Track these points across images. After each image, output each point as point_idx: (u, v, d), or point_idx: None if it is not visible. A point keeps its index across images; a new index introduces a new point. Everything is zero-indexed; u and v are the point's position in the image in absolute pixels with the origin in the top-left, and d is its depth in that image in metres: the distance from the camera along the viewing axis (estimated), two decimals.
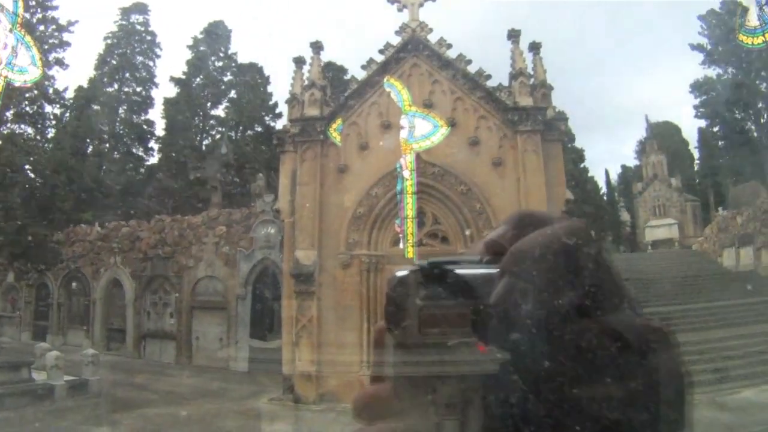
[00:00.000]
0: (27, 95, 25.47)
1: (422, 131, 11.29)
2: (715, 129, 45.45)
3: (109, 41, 44.67)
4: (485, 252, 0.79)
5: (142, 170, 44.12)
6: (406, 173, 11.05)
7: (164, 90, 44.47)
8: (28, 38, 14.35)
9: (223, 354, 21.97)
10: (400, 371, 0.83)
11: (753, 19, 7.34)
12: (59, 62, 27.72)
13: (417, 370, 0.82)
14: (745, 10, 7.85)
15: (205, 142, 44.32)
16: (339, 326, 12.80)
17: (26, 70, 16.08)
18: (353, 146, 14.38)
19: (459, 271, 0.75)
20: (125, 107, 44.35)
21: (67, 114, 38.71)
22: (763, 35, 7.31)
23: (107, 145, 43.01)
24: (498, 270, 0.73)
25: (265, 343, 20.56)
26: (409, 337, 0.83)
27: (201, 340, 23.25)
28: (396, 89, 11.27)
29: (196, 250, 24.37)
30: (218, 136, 43.10)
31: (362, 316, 12.30)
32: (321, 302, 13.31)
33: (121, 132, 44.23)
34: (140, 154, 45.22)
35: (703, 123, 47.67)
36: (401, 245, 8.12)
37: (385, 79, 12.99)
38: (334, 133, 12.00)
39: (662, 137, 61.90)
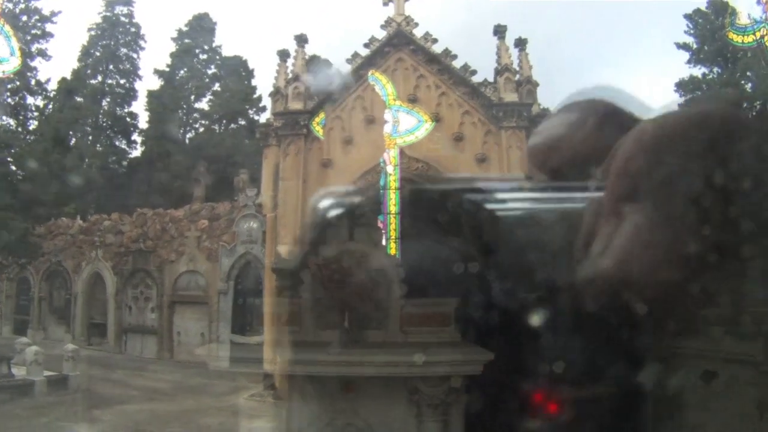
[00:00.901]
0: (9, 86, 25.11)
1: (406, 126, 11.16)
2: None
3: (93, 33, 44.13)
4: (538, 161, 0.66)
5: (125, 163, 43.65)
6: (389, 168, 10.92)
7: (148, 82, 44.03)
8: (7, 28, 14.06)
9: (205, 350, 21.80)
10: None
11: (743, 18, 7.30)
12: (42, 53, 27.34)
13: None
14: (733, 9, 7.80)
15: (189, 135, 43.99)
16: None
17: (6, 60, 15.77)
18: (337, 140, 14.24)
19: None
20: (108, 99, 43.79)
21: (50, 106, 38.24)
22: (754, 33, 7.25)
23: (90, 137, 42.56)
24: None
25: (247, 339, 20.41)
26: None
27: (182, 336, 23.08)
28: (380, 83, 11.13)
29: (177, 244, 24.17)
30: (201, 129, 42.83)
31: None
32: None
33: (104, 124, 43.72)
34: (123, 146, 44.69)
35: None
36: (383, 241, 8.04)
37: (369, 73, 12.84)
38: (318, 126, 11.82)
39: None
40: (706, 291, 0.63)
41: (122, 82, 44.62)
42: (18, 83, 25.60)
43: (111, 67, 44.09)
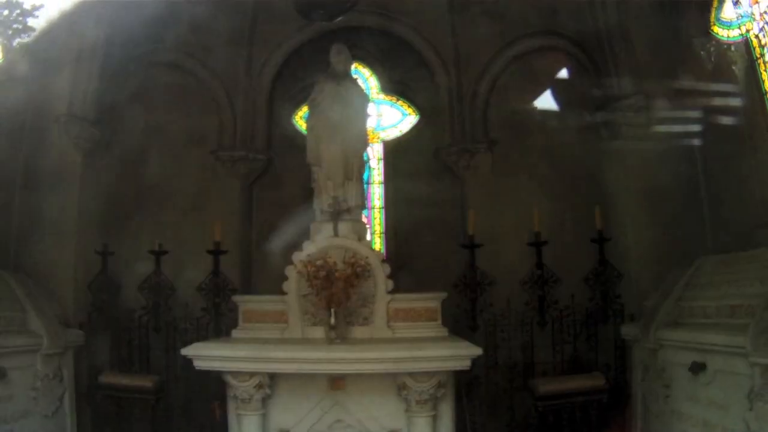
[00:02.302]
0: None
1: (390, 120, 11.12)
2: None
3: None
4: None
5: None
6: (372, 163, 10.87)
7: None
8: None
9: None
10: None
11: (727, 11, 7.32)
12: (24, 48, 26.90)
13: None
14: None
15: None
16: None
17: None
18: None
19: None
20: None
21: None
22: (739, 27, 7.27)
23: None
24: None
25: None
26: None
27: None
28: (363, 76, 11.07)
29: None
30: None
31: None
32: None
33: None
34: None
35: None
36: (368, 237, 8.01)
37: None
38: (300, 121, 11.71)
39: None
40: None
41: None
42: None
43: None
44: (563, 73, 9.89)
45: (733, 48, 7.29)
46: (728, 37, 7.48)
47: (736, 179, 7.27)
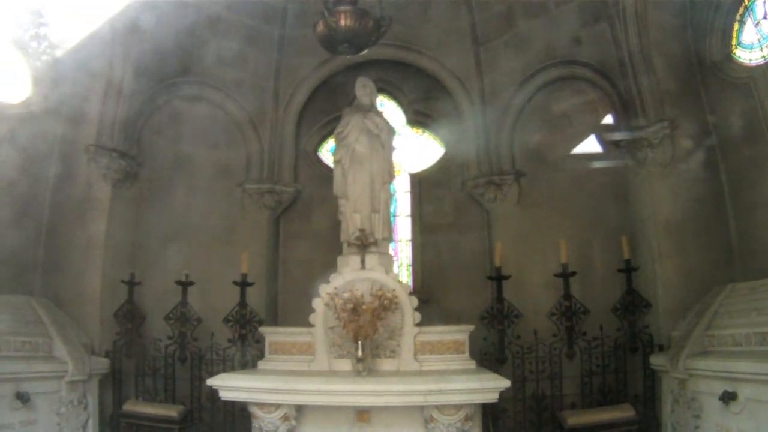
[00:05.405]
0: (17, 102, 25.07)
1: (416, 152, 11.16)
2: None
3: None
4: None
5: None
6: (399, 195, 10.88)
7: None
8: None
9: None
10: None
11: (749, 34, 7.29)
12: (52, 79, 27.26)
13: None
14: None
15: None
16: None
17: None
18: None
19: None
20: None
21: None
22: (761, 49, 7.25)
23: None
24: None
25: None
26: None
27: None
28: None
29: None
30: None
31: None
32: None
33: None
34: None
35: None
36: (395, 269, 7.99)
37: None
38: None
39: None
40: None
41: None
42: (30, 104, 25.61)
43: None
44: (587, 103, 9.87)
45: (755, 71, 7.28)
46: (750, 60, 7.47)
47: (764, 205, 7.21)
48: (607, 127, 9.43)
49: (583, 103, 9.89)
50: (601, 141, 9.54)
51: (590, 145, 9.76)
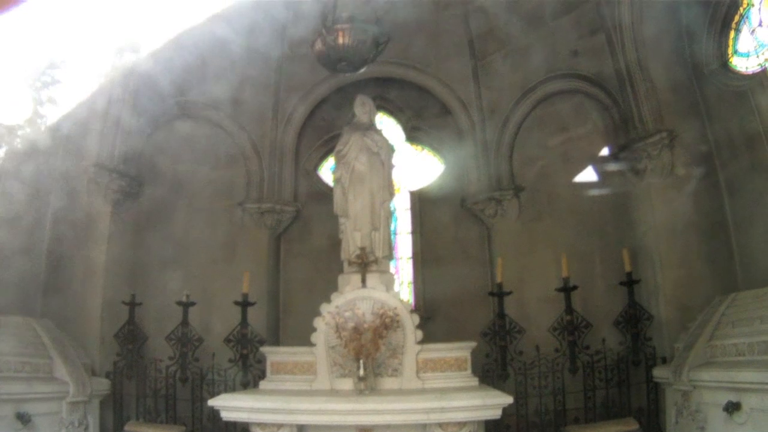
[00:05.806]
0: (19, 133, 25.29)
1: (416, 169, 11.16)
2: None
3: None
4: None
5: None
6: (399, 213, 10.87)
7: None
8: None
9: None
10: None
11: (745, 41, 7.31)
12: (51, 100, 27.50)
13: None
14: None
15: None
16: None
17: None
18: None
19: None
20: None
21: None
22: (757, 56, 7.25)
23: None
24: None
25: None
26: None
27: None
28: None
29: None
30: None
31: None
32: None
33: None
34: None
35: None
36: (396, 287, 7.97)
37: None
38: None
39: None
40: None
41: None
42: (28, 130, 25.79)
43: None
44: (586, 116, 9.87)
45: (752, 79, 7.28)
46: (747, 68, 7.47)
47: (764, 213, 7.19)
48: (606, 138, 9.44)
49: (581, 116, 9.89)
50: (601, 153, 9.53)
51: (589, 158, 9.75)
